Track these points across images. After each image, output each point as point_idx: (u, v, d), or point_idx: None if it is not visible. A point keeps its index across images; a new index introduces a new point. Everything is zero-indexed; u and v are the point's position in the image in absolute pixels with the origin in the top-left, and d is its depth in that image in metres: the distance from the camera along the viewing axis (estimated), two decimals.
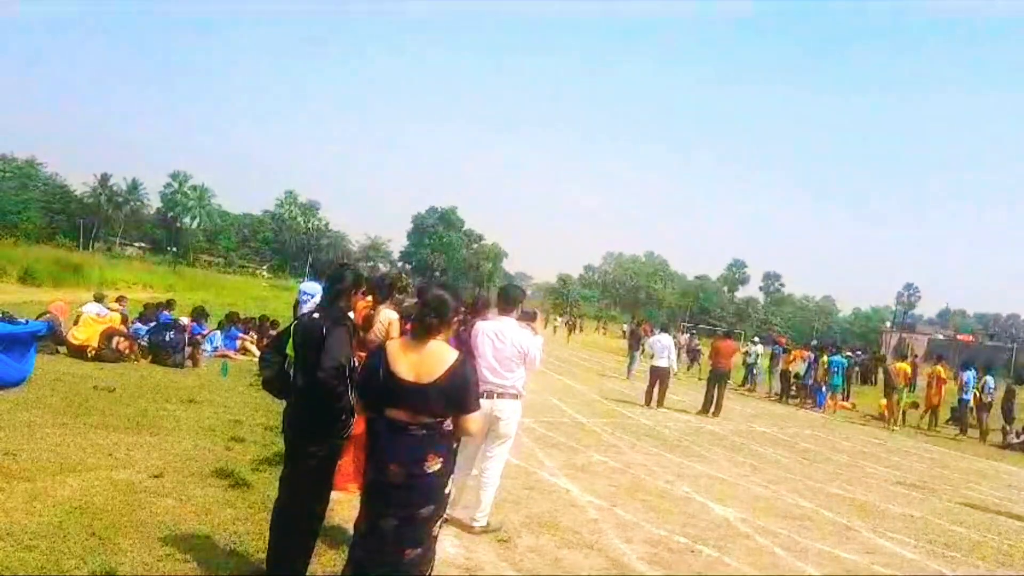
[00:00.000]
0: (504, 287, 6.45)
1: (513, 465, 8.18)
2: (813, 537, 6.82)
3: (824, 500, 8.57)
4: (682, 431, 12.89)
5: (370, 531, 3.51)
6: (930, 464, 13.12)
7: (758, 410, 19.02)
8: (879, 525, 7.67)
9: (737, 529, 6.79)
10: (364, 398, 3.70)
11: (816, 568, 5.88)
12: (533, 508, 6.64)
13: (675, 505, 7.43)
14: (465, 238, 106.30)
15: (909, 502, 9.16)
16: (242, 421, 8.48)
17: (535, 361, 5.81)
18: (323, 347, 3.93)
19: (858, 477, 10.60)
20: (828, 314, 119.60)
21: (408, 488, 3.44)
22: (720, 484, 8.74)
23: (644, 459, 9.72)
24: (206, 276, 58.69)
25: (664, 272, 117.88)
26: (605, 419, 13.17)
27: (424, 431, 3.46)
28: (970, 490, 10.80)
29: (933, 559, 6.62)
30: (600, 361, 30.63)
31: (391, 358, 3.53)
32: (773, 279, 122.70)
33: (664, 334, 17.99)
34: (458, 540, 5.50)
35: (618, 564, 5.41)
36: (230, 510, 5.38)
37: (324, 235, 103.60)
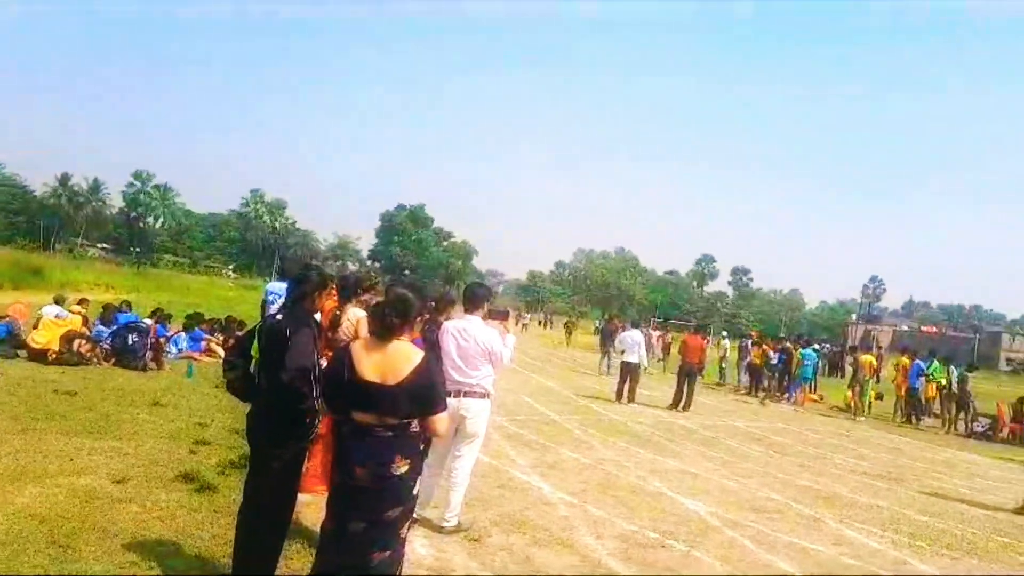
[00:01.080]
0: (470, 285, 6.41)
1: (484, 463, 8.15)
2: (782, 529, 6.87)
3: (793, 492, 8.64)
4: (653, 426, 12.94)
5: (337, 534, 3.46)
6: (896, 454, 13.29)
7: (728, 404, 19.16)
8: (847, 516, 7.74)
9: (707, 523, 6.81)
10: (329, 400, 3.65)
11: (785, 560, 5.92)
12: (504, 506, 6.61)
13: (646, 500, 7.44)
14: (435, 236, 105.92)
15: (876, 492, 9.27)
16: (207, 424, 8.36)
17: (502, 359, 5.77)
18: (287, 349, 3.86)
19: (826, 469, 10.71)
20: (795, 307, 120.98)
21: (375, 491, 3.39)
22: (691, 478, 8.78)
23: (615, 455, 9.73)
24: (171, 276, 57.84)
25: (634, 268, 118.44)
26: (577, 416, 13.17)
27: (391, 433, 3.41)
28: (935, 480, 10.95)
29: (899, 549, 6.69)
30: (573, 358, 30.67)
31: (355, 360, 3.47)
32: (742, 273, 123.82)
33: (634, 330, 18.08)
34: (428, 540, 5.45)
35: (589, 561, 5.40)
36: (195, 515, 5.30)
37: (291, 234, 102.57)
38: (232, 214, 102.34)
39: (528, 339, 39.25)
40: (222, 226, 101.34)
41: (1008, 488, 10.50)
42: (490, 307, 6.31)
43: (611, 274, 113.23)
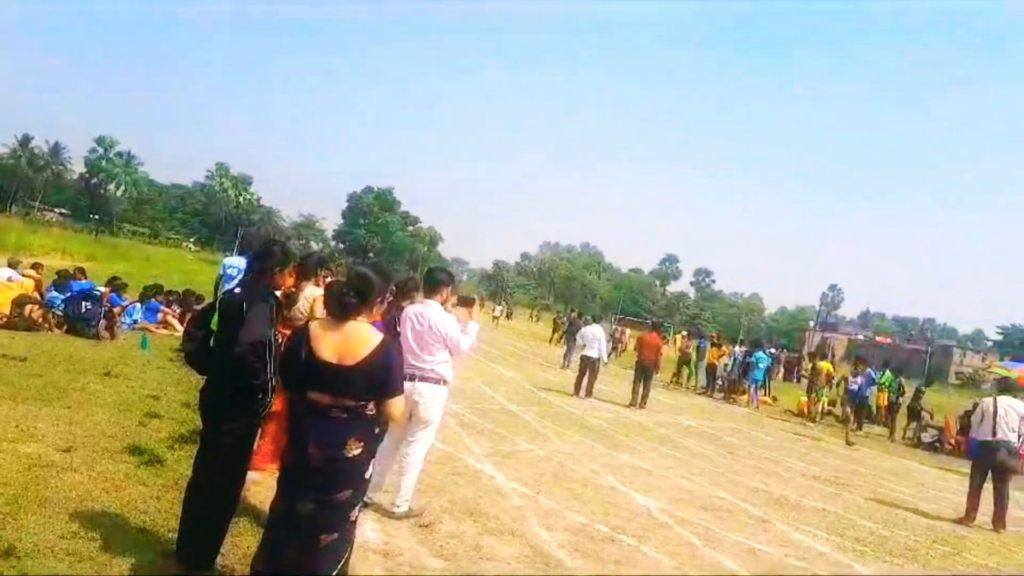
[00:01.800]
0: (430, 269, 6.38)
1: (439, 451, 8.13)
2: (730, 529, 6.94)
3: (743, 493, 8.74)
4: (609, 421, 13.01)
5: (286, 514, 3.41)
6: (845, 460, 13.51)
7: (685, 403, 19.33)
8: (794, 518, 7.85)
9: (657, 519, 6.86)
10: (285, 379, 3.59)
11: (732, 559, 5.98)
12: (456, 494, 6.59)
13: (598, 494, 7.47)
14: (401, 220, 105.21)
15: (823, 497, 9.41)
16: (160, 397, 8.22)
17: (457, 345, 5.71)
18: (242, 323, 3.80)
19: (777, 471, 10.85)
20: (755, 311, 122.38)
21: (327, 472, 3.34)
22: (644, 475, 8.84)
23: (570, 448, 9.76)
24: (130, 246, 56.82)
25: (599, 264, 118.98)
26: (534, 407, 13.20)
27: (346, 414, 3.36)
28: (881, 486, 11.16)
29: (843, 553, 6.80)
30: (535, 350, 30.73)
31: (313, 339, 3.41)
32: (704, 275, 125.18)
33: (595, 325, 18.14)
34: (378, 525, 5.42)
35: (538, 551, 5.41)
36: (142, 488, 5.20)
37: (255, 210, 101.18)
38: (196, 186, 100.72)
39: (497, 331, 39.21)
40: (185, 198, 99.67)
41: (951, 498, 10.73)
42: (460, 295, 6.28)
43: (576, 269, 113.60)
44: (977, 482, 9.37)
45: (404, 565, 4.74)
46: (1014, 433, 9.22)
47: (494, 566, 4.96)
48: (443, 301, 5.86)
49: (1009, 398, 9.51)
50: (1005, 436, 9.22)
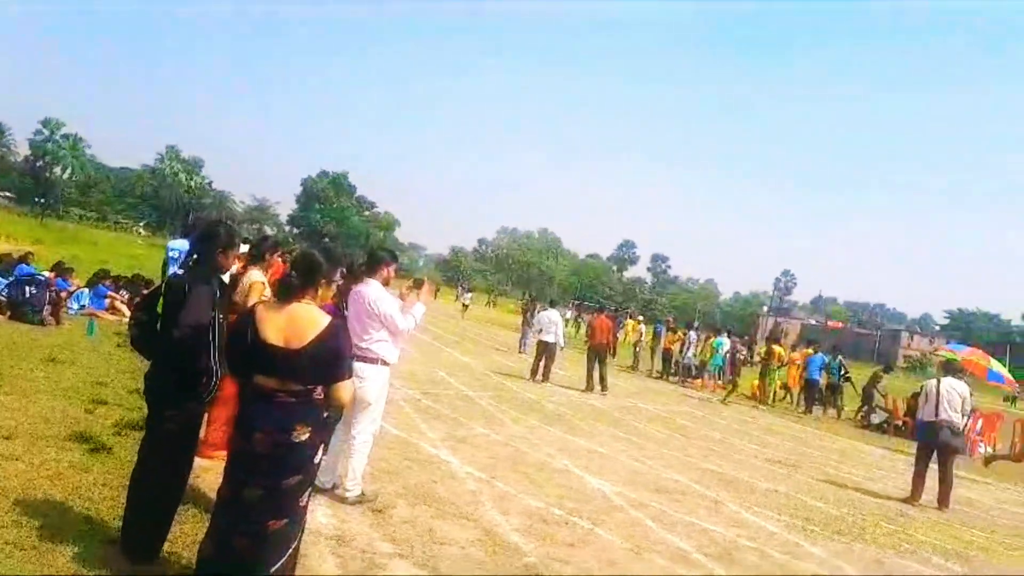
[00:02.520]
0: (371, 249, 6.30)
1: (393, 436, 8.08)
2: (684, 510, 7.01)
3: (697, 475, 8.83)
4: (565, 406, 13.05)
5: (233, 500, 3.34)
6: (796, 442, 13.75)
7: (640, 387, 19.49)
8: (746, 500, 7.96)
9: (612, 502, 6.90)
10: (231, 363, 3.51)
11: (684, 540, 6.04)
12: (410, 479, 6.55)
13: (553, 478, 7.48)
14: (357, 205, 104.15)
15: (775, 478, 9.56)
16: (106, 383, 8.03)
17: (394, 323, 5.62)
18: (185, 306, 3.70)
19: (729, 454, 10.99)
20: (710, 297, 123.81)
21: (274, 457, 3.28)
22: (599, 458, 8.88)
23: (526, 432, 9.77)
24: (77, 230, 55.44)
25: (556, 249, 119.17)
26: (490, 392, 13.19)
27: (293, 399, 3.30)
28: (830, 467, 11.37)
29: (793, 532, 6.91)
30: (491, 335, 30.72)
31: (259, 322, 3.34)
32: (661, 261, 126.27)
33: (552, 310, 18.17)
34: (330, 510, 5.36)
35: (492, 535, 5.40)
36: (87, 475, 5.07)
37: (207, 194, 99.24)
38: (145, 169, 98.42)
39: (464, 321, 39.09)
40: (134, 181, 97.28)
41: (898, 478, 10.98)
42: (414, 278, 6.21)
43: (533, 254, 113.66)
44: (922, 462, 9.58)
45: (357, 550, 4.69)
46: (957, 413, 9.44)
47: (448, 550, 4.94)
48: (384, 280, 5.80)
49: (952, 380, 9.72)
50: (948, 416, 9.44)
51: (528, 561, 4.97)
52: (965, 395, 9.52)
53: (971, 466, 13.89)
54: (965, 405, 9.50)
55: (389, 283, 5.89)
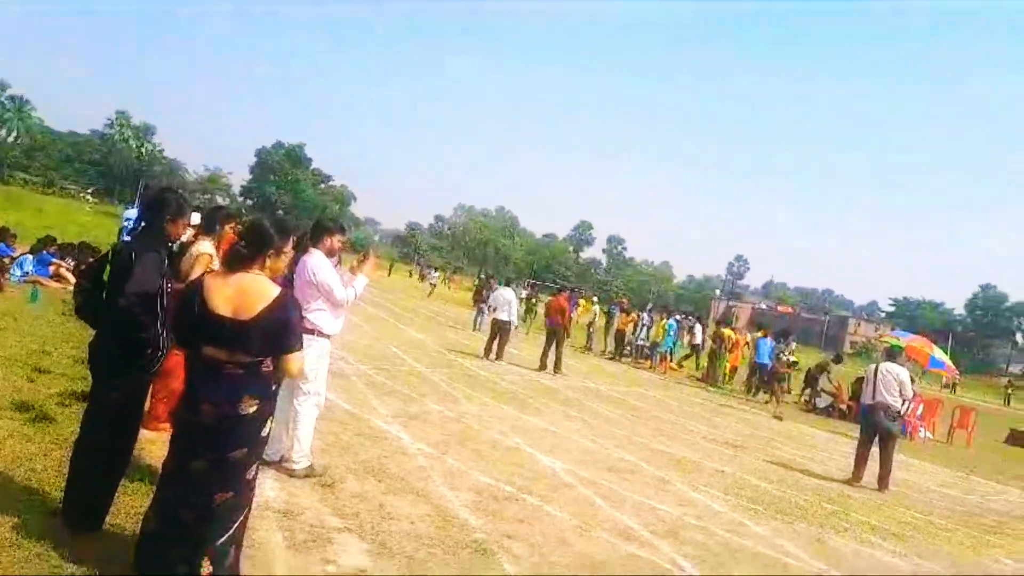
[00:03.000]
0: (318, 219, 6.23)
1: (344, 411, 8.04)
2: (633, 489, 7.09)
3: (647, 455, 8.94)
4: (518, 384, 13.10)
5: (179, 472, 3.29)
6: (744, 424, 14.00)
7: (593, 368, 19.64)
8: (694, 479, 8.09)
9: (562, 480, 6.96)
10: (178, 334, 3.45)
11: (632, 518, 6.12)
12: (361, 454, 6.52)
13: (505, 455, 7.52)
14: (312, 177, 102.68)
15: (722, 459, 9.73)
16: (49, 352, 7.84)
17: (331, 292, 5.54)
18: (131, 274, 3.61)
19: (679, 434, 11.15)
20: (665, 279, 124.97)
21: (221, 430, 3.23)
22: (550, 437, 8.94)
23: (479, 410, 9.79)
24: (22, 195, 53.73)
25: (513, 228, 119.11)
26: (444, 369, 13.18)
27: (241, 371, 3.25)
28: (776, 449, 11.60)
29: (738, 512, 7.04)
30: (446, 313, 30.66)
31: (207, 292, 3.27)
32: (617, 242, 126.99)
33: (507, 288, 18.19)
34: (279, 484, 5.32)
35: (442, 510, 5.41)
36: (28, 445, 4.96)
37: (158, 161, 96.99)
38: (94, 135, 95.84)
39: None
40: (82, 147, 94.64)
41: (841, 460, 11.25)
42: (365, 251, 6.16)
43: (490, 232, 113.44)
44: (864, 445, 9.82)
45: (305, 524, 4.66)
46: (893, 397, 9.66)
47: (397, 525, 4.94)
48: (329, 250, 5.74)
49: (891, 364, 9.95)
50: (883, 399, 9.68)
51: (477, 537, 4.99)
52: (903, 379, 9.74)
53: (911, 449, 14.30)
54: (904, 389, 9.72)
55: (334, 254, 5.83)
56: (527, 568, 4.62)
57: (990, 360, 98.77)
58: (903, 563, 6.39)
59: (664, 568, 5.09)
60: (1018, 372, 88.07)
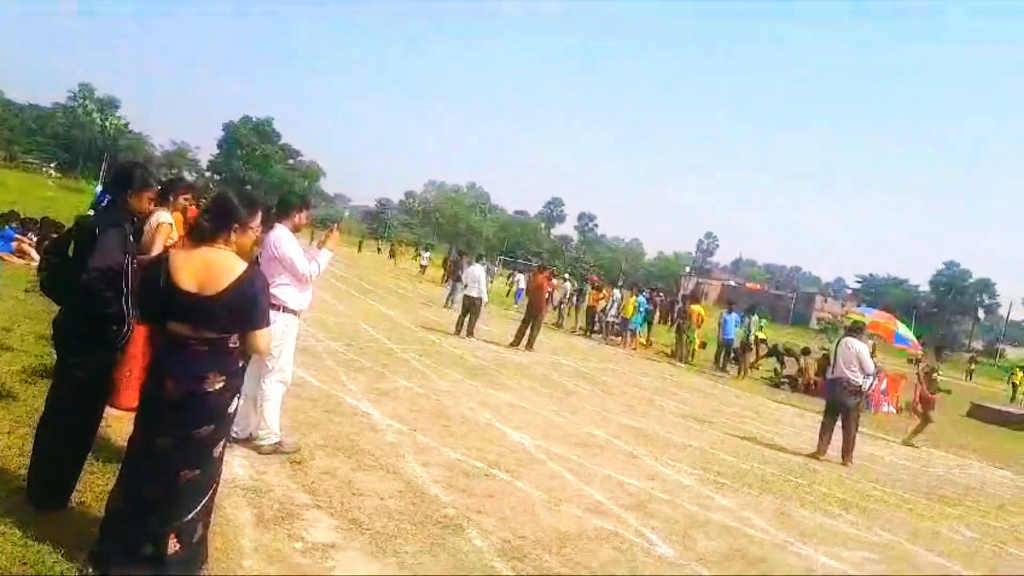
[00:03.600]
0: (283, 194, 6.17)
1: (314, 388, 8.01)
2: (602, 464, 7.16)
3: (616, 430, 9.02)
4: (489, 361, 13.13)
5: (144, 449, 3.26)
6: (711, 399, 14.17)
7: (564, 344, 19.73)
8: (662, 454, 8.18)
9: (532, 455, 7.00)
10: (143, 309, 3.40)
11: (601, 492, 6.18)
12: (331, 431, 6.51)
13: (475, 431, 7.54)
14: (281, 153, 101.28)
15: (690, 433, 9.84)
16: (12, 329, 7.70)
17: (294, 266, 5.50)
18: (94, 249, 3.55)
19: (648, 409, 11.26)
20: (635, 256, 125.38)
21: (186, 406, 3.19)
22: (520, 412, 8.98)
23: (449, 386, 9.80)
24: None
25: (485, 205, 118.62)
26: (415, 346, 13.16)
27: (207, 347, 3.21)
28: (743, 424, 11.76)
29: (706, 485, 7.14)
30: (417, 289, 30.57)
31: (173, 267, 3.22)
32: (588, 219, 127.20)
33: (477, 265, 18.17)
34: (247, 461, 5.29)
35: (412, 486, 5.43)
36: None
37: (123, 135, 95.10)
38: (57, 108, 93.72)
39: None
40: (45, 120, 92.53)
41: (806, 434, 11.42)
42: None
43: (461, 209, 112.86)
44: (828, 419, 9.98)
45: (273, 501, 4.65)
46: (853, 371, 9.81)
47: (367, 501, 4.95)
48: (294, 226, 5.70)
49: (852, 339, 10.07)
50: (843, 373, 9.84)
51: (447, 512, 5.01)
52: (862, 354, 9.86)
53: (875, 423, 14.56)
54: (864, 364, 9.85)
55: (300, 229, 5.78)
56: (497, 542, 4.66)
57: (953, 336, 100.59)
58: (866, 534, 6.52)
59: (632, 540, 5.15)
60: (980, 348, 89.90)
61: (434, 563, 4.20)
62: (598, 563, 4.65)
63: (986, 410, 21.45)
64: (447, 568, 4.17)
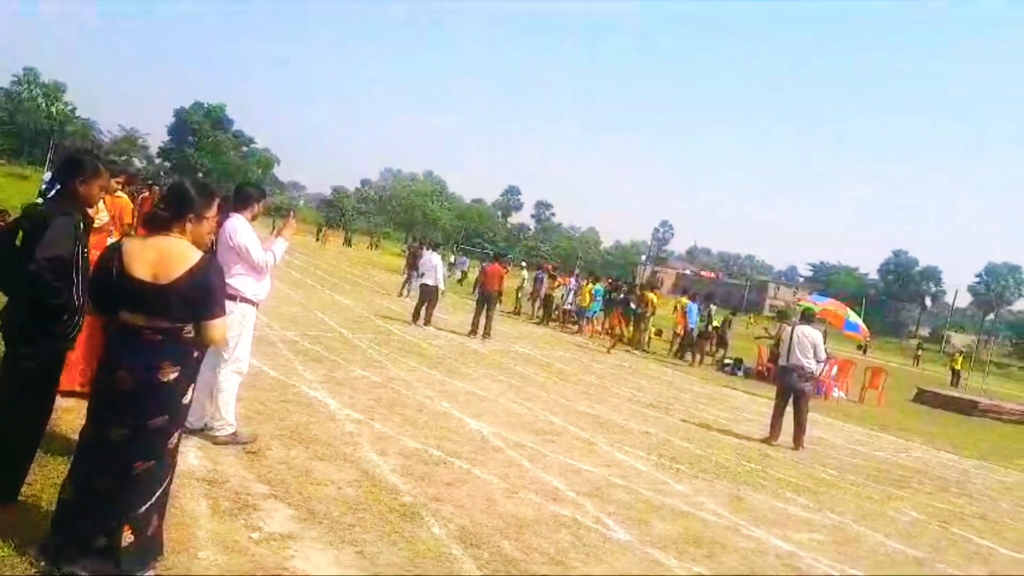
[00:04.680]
0: (240, 184, 6.11)
1: (270, 378, 7.94)
2: (559, 451, 7.22)
3: (573, 417, 9.09)
4: (446, 349, 13.13)
5: (96, 441, 3.21)
6: (667, 386, 14.34)
7: (521, 332, 19.78)
8: (618, 440, 8.27)
9: (490, 443, 7.03)
10: (95, 299, 3.34)
11: (558, 478, 6.23)
12: (287, 421, 6.46)
13: (433, 419, 7.55)
14: (234, 140, 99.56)
15: (646, 420, 9.96)
16: None
17: (249, 255, 5.45)
18: (43, 238, 3.47)
19: (605, 397, 11.36)
20: (592, 244, 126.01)
21: (140, 396, 3.15)
22: (478, 400, 9.00)
23: (406, 375, 9.78)
24: None
25: (441, 193, 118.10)
26: (371, 335, 13.10)
27: (161, 336, 3.16)
28: (699, 411, 11.94)
29: (661, 471, 7.24)
30: (374, 278, 30.39)
31: (126, 256, 3.17)
32: (544, 208, 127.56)
33: (434, 253, 18.12)
34: (203, 452, 5.23)
35: (369, 475, 5.41)
36: None
37: (70, 121, 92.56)
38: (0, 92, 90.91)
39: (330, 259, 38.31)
40: None
41: (759, 420, 11.63)
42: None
43: (418, 197, 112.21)
44: (780, 405, 10.17)
45: (230, 491, 4.61)
46: (807, 358, 10.02)
47: (324, 491, 4.93)
48: (252, 217, 5.64)
49: (806, 327, 10.29)
50: (798, 361, 10.03)
51: (405, 501, 5.01)
52: (816, 341, 10.09)
53: (825, 408, 14.87)
54: (817, 351, 10.08)
55: (255, 219, 5.72)
56: (454, 529, 4.68)
57: (901, 323, 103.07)
58: (817, 516, 6.68)
59: (589, 526, 5.21)
60: (926, 335, 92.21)
61: (392, 551, 4.20)
62: (555, 549, 4.69)
63: (932, 395, 22.05)
64: (405, 556, 4.18)
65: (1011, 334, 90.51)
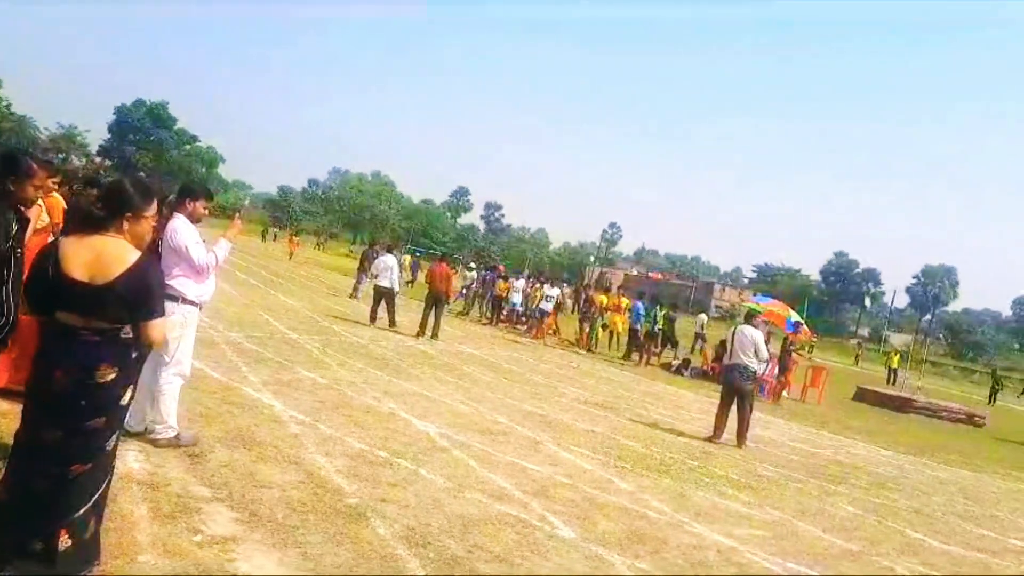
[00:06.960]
0: (185, 182, 6.04)
1: (214, 380, 7.83)
2: (505, 451, 7.26)
3: (519, 417, 9.14)
4: (393, 350, 13.08)
5: (32, 443, 3.14)
6: (614, 386, 14.50)
7: (469, 333, 19.79)
8: (564, 440, 8.34)
9: (436, 443, 7.04)
10: (31, 299, 3.27)
11: (504, 478, 6.27)
12: (231, 423, 6.38)
13: (379, 421, 7.52)
14: (176, 138, 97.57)
15: (592, 419, 10.06)
16: None
17: (189, 255, 5.37)
18: None
19: (552, 397, 11.44)
20: (541, 246, 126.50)
21: (76, 398, 3.09)
22: (425, 401, 9.00)
23: (352, 376, 9.73)
24: None
25: (390, 193, 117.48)
26: (318, 336, 12.99)
27: (98, 337, 3.11)
28: (645, 410, 12.09)
29: (606, 470, 7.33)
30: (320, 279, 30.08)
31: (62, 256, 3.11)
32: (494, 209, 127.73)
33: (389, 255, 18.04)
34: (143, 455, 5.15)
35: (314, 477, 5.38)
36: None
37: (4, 118, 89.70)
38: None
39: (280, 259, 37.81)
40: None
41: (705, 419, 11.81)
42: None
43: (366, 197, 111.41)
44: (724, 404, 10.36)
45: (171, 495, 4.54)
46: (749, 358, 10.22)
47: (268, 493, 4.89)
48: (191, 215, 5.57)
49: (747, 327, 10.51)
50: (739, 360, 10.24)
51: (350, 502, 5.00)
52: (758, 341, 10.30)
53: (768, 407, 15.19)
54: (759, 351, 10.29)
55: (199, 220, 5.64)
56: (400, 530, 4.68)
57: (842, 323, 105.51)
58: (757, 512, 6.83)
59: (535, 525, 5.26)
60: (866, 335, 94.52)
61: (337, 552, 4.19)
62: (501, 547, 4.73)
63: (871, 393, 22.67)
64: (350, 557, 4.17)
65: (947, 334, 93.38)
